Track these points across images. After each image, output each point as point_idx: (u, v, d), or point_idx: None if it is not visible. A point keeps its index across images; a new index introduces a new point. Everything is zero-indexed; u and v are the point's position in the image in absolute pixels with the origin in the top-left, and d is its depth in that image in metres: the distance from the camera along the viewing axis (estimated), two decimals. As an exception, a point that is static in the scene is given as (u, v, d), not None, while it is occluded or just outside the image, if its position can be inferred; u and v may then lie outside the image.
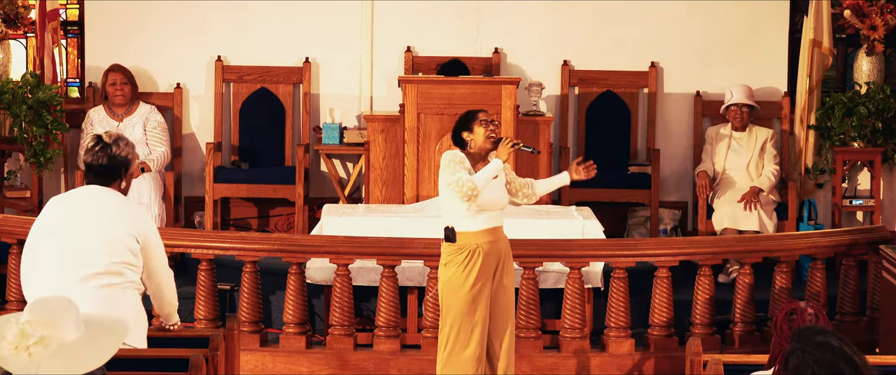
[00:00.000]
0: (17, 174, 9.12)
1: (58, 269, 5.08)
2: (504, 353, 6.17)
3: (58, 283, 5.05)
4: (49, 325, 3.20)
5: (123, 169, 5.19)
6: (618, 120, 9.38)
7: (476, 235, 6.02)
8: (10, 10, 9.11)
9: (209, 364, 5.15)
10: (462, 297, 6.03)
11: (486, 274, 6.04)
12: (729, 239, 7.96)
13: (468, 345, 6.06)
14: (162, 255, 5.32)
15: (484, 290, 6.04)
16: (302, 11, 9.37)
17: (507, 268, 6.14)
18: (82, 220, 5.11)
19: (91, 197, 5.17)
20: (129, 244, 5.13)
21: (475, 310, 6.04)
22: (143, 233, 5.19)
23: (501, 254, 6.10)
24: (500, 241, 6.11)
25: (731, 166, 8.85)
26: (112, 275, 5.09)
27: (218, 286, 7.35)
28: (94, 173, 5.18)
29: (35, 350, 3.17)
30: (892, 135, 8.99)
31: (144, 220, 5.27)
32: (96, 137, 5.23)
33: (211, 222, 9.00)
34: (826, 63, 9.04)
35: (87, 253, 5.07)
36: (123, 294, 5.11)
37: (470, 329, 6.05)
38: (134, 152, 5.26)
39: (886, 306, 6.92)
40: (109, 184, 5.18)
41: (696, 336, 5.83)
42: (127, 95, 9.01)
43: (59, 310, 3.25)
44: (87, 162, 5.20)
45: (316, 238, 7.40)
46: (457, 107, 7.95)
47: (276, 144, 9.40)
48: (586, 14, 9.39)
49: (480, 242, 6.01)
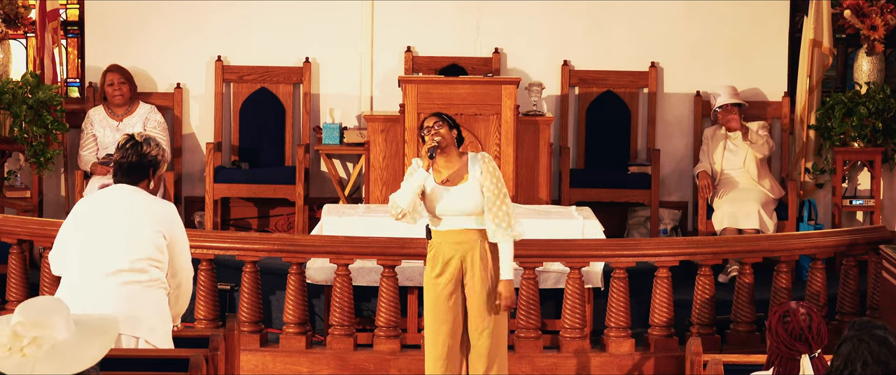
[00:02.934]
0: (17, 174, 9.12)
1: (82, 266, 5.12)
2: (481, 356, 6.08)
3: (81, 279, 5.08)
4: (40, 325, 3.21)
5: (152, 169, 5.24)
6: (618, 120, 9.38)
7: (439, 235, 6.06)
8: (10, 10, 9.11)
9: (209, 364, 5.15)
10: (428, 295, 6.09)
11: (449, 274, 6.02)
12: (729, 239, 7.96)
13: (435, 344, 6.08)
14: (187, 255, 5.34)
15: (446, 290, 6.03)
16: (302, 11, 9.37)
17: (480, 272, 6.02)
18: (108, 218, 5.16)
19: (118, 195, 5.22)
20: (155, 240, 5.15)
21: (439, 309, 6.05)
22: (170, 230, 5.22)
23: (466, 258, 6.01)
24: (467, 244, 6.01)
25: (728, 166, 8.85)
26: (136, 273, 5.12)
27: (218, 286, 7.35)
28: (122, 171, 5.23)
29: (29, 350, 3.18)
30: (892, 135, 8.99)
31: (173, 218, 5.28)
32: (128, 136, 5.29)
33: (211, 222, 9.00)
34: (826, 63, 9.05)
35: (111, 250, 5.10)
36: (147, 292, 5.14)
37: (435, 327, 6.07)
38: (164, 154, 5.30)
39: (886, 306, 6.92)
40: (137, 183, 5.22)
41: (696, 336, 5.83)
42: (125, 95, 9.01)
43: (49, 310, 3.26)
44: (117, 159, 5.23)
45: (316, 238, 7.40)
46: (457, 107, 7.96)
47: (276, 144, 9.40)
48: (586, 14, 9.39)
49: (443, 242, 6.04)
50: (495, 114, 8.08)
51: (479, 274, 6.03)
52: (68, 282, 5.17)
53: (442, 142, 6.02)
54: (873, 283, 7.31)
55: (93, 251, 5.13)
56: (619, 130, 9.38)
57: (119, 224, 5.14)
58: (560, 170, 9.12)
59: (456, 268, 6.03)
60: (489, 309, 6.05)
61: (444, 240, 6.04)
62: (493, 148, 8.04)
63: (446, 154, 6.06)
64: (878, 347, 3.40)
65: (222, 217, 9.29)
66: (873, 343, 3.41)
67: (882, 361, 3.39)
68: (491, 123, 8.10)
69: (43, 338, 3.20)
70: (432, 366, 6.10)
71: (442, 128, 6.05)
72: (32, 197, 8.99)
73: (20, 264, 7.41)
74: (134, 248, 5.11)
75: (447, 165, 6.06)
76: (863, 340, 3.42)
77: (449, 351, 6.07)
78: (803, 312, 4.13)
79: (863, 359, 3.39)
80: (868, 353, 3.40)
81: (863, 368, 3.39)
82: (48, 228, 7.24)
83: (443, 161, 6.06)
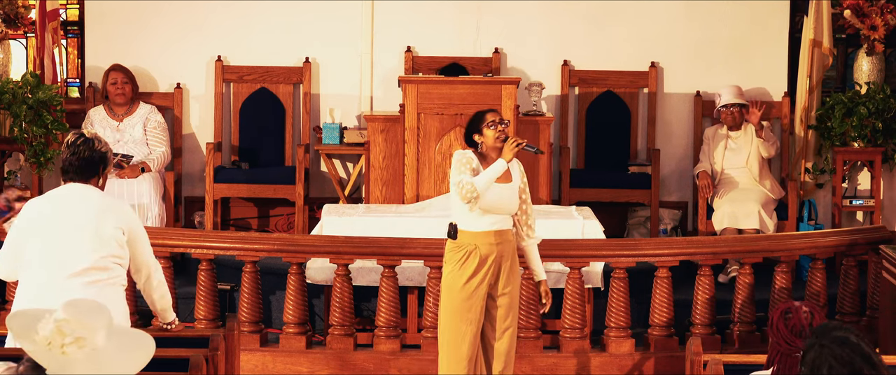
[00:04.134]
0: (17, 174, 9.12)
1: (48, 267, 5.10)
2: (501, 355, 6.11)
3: (48, 281, 5.07)
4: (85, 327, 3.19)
5: (102, 165, 5.24)
6: (618, 120, 9.38)
7: (476, 235, 5.99)
8: (10, 10, 9.11)
9: (209, 364, 5.15)
10: (455, 296, 6.02)
11: (482, 275, 6.00)
12: (729, 239, 7.96)
13: (461, 345, 6.04)
14: (148, 246, 5.34)
15: (479, 291, 6.00)
16: (302, 11, 9.37)
17: (511, 272, 6.08)
18: (69, 217, 5.14)
19: (74, 195, 5.20)
20: (116, 236, 5.16)
21: (468, 310, 6.01)
22: (129, 225, 5.23)
23: (502, 258, 6.03)
24: (504, 245, 6.04)
25: (729, 165, 8.85)
26: (99, 271, 5.12)
27: (218, 286, 7.35)
28: (75, 169, 5.21)
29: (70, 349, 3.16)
30: (892, 135, 8.99)
31: (129, 212, 5.31)
32: (77, 134, 5.28)
33: (211, 222, 9.00)
34: (826, 63, 9.05)
35: (76, 250, 5.10)
36: (109, 290, 5.13)
37: (463, 328, 6.02)
38: (110, 150, 5.31)
39: (886, 306, 6.93)
40: (89, 180, 5.22)
41: (696, 336, 5.83)
42: (128, 95, 9.02)
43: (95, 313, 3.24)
44: (68, 158, 5.22)
45: (316, 238, 7.40)
46: (457, 107, 7.96)
47: (277, 144, 9.40)
48: (586, 14, 9.39)
49: (479, 243, 5.99)
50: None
51: (514, 274, 6.09)
52: (33, 282, 5.13)
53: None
54: (873, 283, 7.31)
55: (56, 250, 5.11)
56: (619, 130, 9.38)
57: (80, 222, 5.12)
58: (560, 170, 9.12)
59: (492, 268, 6.01)
60: (514, 309, 6.11)
61: (483, 240, 5.99)
62: (493, 148, 8.04)
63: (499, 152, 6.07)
64: (840, 348, 3.42)
65: (222, 217, 9.30)
66: (834, 346, 3.42)
67: (846, 361, 3.40)
68: (491, 123, 8.09)
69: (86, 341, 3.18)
70: (455, 366, 6.05)
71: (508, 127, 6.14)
72: (32, 196, 8.96)
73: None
74: (98, 246, 5.11)
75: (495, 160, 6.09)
76: (824, 345, 3.44)
77: (474, 352, 6.07)
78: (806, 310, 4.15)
79: (827, 364, 3.41)
80: (831, 357, 3.42)
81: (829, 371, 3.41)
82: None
83: (495, 158, 6.06)
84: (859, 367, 3.40)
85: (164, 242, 7.19)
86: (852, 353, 3.42)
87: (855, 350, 3.42)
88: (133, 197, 8.58)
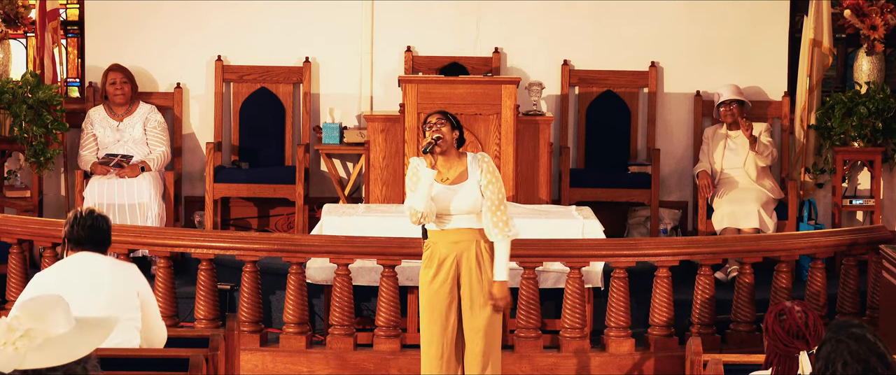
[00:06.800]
0: (17, 174, 9.12)
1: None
2: (476, 356, 6.07)
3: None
4: (36, 319, 3.20)
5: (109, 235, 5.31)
6: (618, 120, 9.38)
7: (435, 235, 6.03)
8: (10, 10, 9.11)
9: (209, 364, 5.16)
10: (423, 295, 6.07)
11: (444, 274, 6.01)
12: (729, 239, 7.96)
13: (430, 345, 6.07)
14: (156, 309, 5.42)
15: (442, 290, 6.01)
16: (302, 11, 9.37)
17: (471, 270, 6.01)
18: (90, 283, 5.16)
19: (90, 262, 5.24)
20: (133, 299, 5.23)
21: (432, 310, 6.03)
22: (142, 289, 5.29)
23: (463, 257, 6.00)
24: (464, 243, 6.00)
25: (728, 165, 8.85)
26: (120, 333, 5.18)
27: (218, 286, 7.35)
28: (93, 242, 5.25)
29: (20, 343, 3.17)
30: (892, 134, 8.99)
31: (140, 276, 5.36)
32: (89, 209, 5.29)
33: (211, 222, 9.00)
34: (826, 63, 9.04)
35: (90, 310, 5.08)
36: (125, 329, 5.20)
37: (431, 328, 6.05)
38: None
39: (886, 306, 6.92)
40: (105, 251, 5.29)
41: (696, 336, 5.82)
42: (127, 95, 9.01)
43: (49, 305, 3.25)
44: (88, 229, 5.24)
45: (316, 238, 7.40)
46: (457, 107, 7.95)
47: (276, 144, 9.40)
48: (586, 14, 9.39)
49: (439, 242, 6.02)
50: (495, 113, 8.08)
51: (474, 273, 6.02)
52: None
53: (441, 141, 6.01)
54: (873, 283, 7.31)
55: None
56: (618, 130, 9.38)
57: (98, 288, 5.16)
58: (560, 169, 9.12)
59: (452, 268, 6.02)
60: (484, 309, 6.04)
61: (441, 239, 6.02)
62: (492, 147, 8.04)
63: (447, 154, 6.04)
64: (856, 345, 3.43)
65: (222, 217, 9.30)
66: (851, 342, 3.44)
67: (861, 358, 3.42)
68: (491, 123, 8.10)
69: (36, 331, 3.18)
70: (429, 366, 6.09)
71: (444, 127, 6.04)
72: (32, 196, 8.99)
73: (20, 264, 7.41)
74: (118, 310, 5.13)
75: (448, 165, 6.05)
76: (841, 340, 3.45)
77: (445, 352, 6.07)
78: (799, 310, 4.16)
79: (842, 359, 3.43)
80: (847, 352, 3.43)
81: (843, 368, 3.42)
82: (48, 228, 7.25)
83: (443, 161, 6.05)
84: (874, 365, 3.41)
85: (164, 242, 7.19)
86: (868, 351, 3.43)
87: (871, 349, 3.43)
88: (133, 196, 8.59)
